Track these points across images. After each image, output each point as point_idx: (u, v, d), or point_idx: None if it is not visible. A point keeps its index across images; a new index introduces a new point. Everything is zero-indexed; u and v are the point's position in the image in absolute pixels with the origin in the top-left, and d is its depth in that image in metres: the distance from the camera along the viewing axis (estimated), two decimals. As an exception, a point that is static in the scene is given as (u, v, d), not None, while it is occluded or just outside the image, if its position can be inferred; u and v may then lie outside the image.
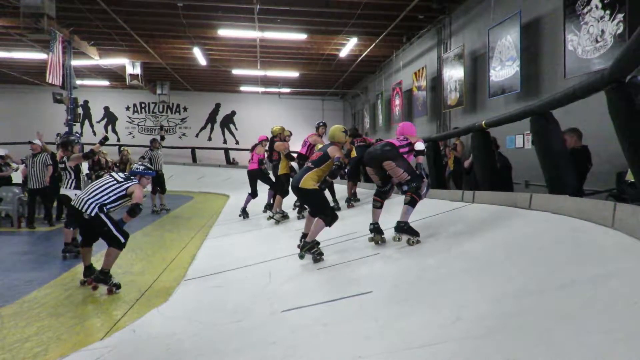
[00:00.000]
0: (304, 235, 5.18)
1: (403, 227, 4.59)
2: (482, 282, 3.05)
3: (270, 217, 8.22)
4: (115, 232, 4.69)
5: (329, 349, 2.64)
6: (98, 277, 4.66)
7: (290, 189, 6.10)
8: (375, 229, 4.94)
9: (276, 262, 5.12)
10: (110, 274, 4.66)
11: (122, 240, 4.73)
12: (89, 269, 4.92)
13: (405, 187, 4.72)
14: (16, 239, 8.05)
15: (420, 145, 4.84)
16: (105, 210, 4.72)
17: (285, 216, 8.06)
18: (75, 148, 6.63)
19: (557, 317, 2.15)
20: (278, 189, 8.31)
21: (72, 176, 6.43)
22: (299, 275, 4.48)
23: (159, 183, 11.28)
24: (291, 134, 8.83)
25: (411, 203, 4.64)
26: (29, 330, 3.55)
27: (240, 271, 5.05)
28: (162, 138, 11.95)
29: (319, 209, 4.95)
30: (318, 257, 4.71)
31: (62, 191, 6.47)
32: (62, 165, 6.49)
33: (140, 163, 5.41)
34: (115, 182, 4.90)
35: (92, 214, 4.63)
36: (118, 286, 4.65)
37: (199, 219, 10.32)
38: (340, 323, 3.01)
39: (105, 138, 7.04)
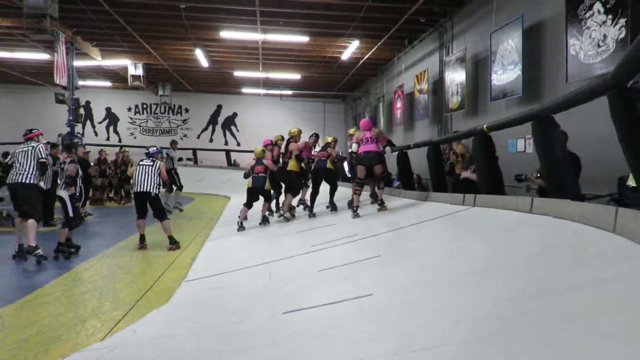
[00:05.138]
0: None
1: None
2: (483, 285, 3.05)
3: (280, 215, 8.44)
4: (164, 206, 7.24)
5: (330, 351, 2.64)
6: (172, 240, 6.98)
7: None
8: (356, 211, 7.02)
9: (276, 264, 5.12)
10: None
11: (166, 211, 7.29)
12: (143, 237, 7.06)
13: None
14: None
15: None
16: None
17: (294, 215, 8.34)
18: (78, 150, 7.09)
19: (558, 321, 2.15)
20: (288, 188, 8.59)
21: (64, 177, 6.58)
22: (299, 277, 4.48)
23: (174, 181, 11.98)
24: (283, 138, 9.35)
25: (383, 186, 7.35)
26: (30, 331, 3.55)
27: (240, 272, 5.06)
28: (175, 142, 13.76)
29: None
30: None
31: (58, 192, 6.68)
32: (62, 166, 6.66)
33: (152, 146, 7.77)
34: (151, 166, 7.18)
35: (156, 193, 7.01)
36: (178, 245, 6.95)
37: (199, 220, 10.33)
38: (341, 325, 3.01)
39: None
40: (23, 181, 6.47)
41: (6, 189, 9.03)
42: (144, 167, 7.14)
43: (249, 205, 8.35)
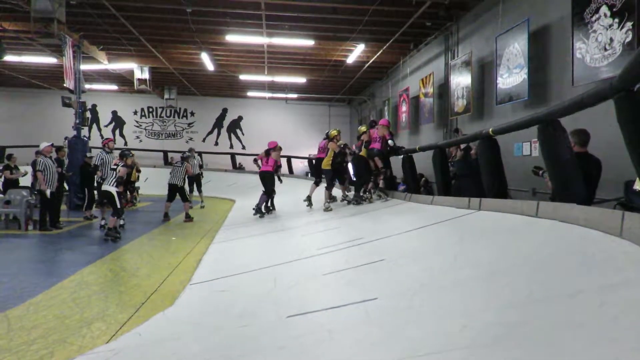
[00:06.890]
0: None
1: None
2: (489, 290, 3.04)
3: (324, 207, 9.17)
4: (187, 194, 10.56)
5: (335, 355, 2.63)
6: (187, 216, 10.55)
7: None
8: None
9: (281, 267, 5.12)
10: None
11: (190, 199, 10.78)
12: (167, 214, 10.75)
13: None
14: (23, 242, 8.10)
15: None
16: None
17: (352, 199, 9.26)
18: (128, 160, 8.55)
19: (565, 326, 2.13)
20: (326, 182, 9.58)
21: (115, 177, 8.04)
22: (304, 280, 4.48)
23: (196, 184, 14.08)
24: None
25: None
26: (35, 333, 3.56)
27: (245, 276, 5.06)
28: (191, 150, 15.28)
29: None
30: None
31: (105, 187, 8.10)
32: (115, 167, 8.15)
33: (186, 151, 12.85)
34: (180, 167, 11.05)
35: (181, 185, 10.57)
36: (191, 219, 10.40)
37: (205, 223, 10.34)
38: (346, 329, 3.00)
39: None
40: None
41: (11, 193, 9.27)
42: (176, 167, 11.15)
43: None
